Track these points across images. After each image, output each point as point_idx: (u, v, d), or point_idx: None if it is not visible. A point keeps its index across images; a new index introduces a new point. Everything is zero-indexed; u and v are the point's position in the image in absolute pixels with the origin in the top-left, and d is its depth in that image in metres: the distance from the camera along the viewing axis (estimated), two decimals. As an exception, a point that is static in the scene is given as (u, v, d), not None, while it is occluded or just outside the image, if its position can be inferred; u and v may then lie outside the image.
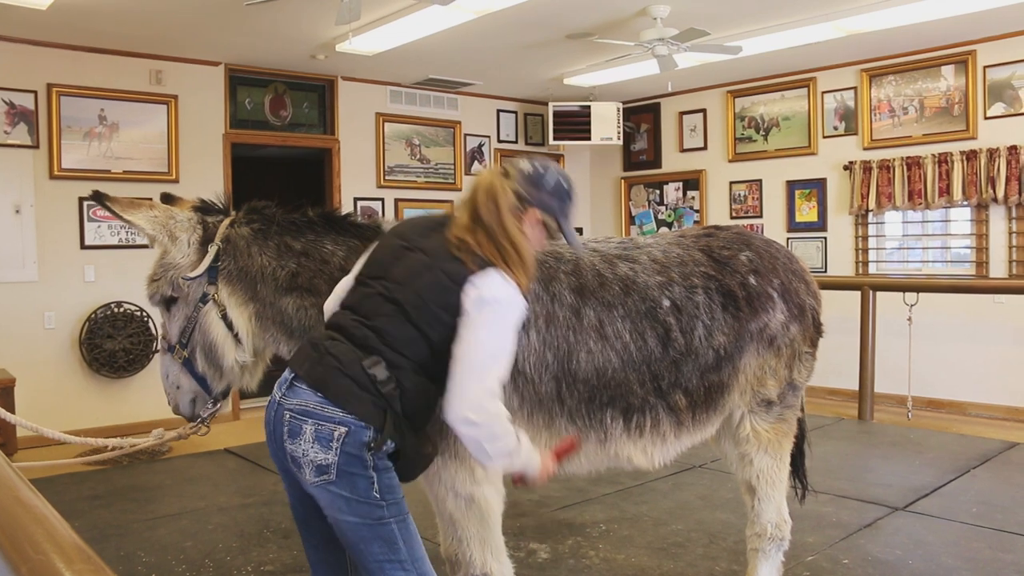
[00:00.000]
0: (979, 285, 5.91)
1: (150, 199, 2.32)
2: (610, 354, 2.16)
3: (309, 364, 1.80)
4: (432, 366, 1.81)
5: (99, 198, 2.17)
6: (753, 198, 7.48)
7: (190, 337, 2.17)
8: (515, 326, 1.82)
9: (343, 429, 1.74)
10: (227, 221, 2.21)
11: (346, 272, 2.14)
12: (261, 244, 2.19)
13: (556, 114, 7.84)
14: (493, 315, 1.78)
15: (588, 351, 2.15)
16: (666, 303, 2.26)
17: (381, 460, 1.78)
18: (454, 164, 7.77)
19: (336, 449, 1.73)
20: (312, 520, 1.91)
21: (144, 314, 5.97)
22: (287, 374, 1.86)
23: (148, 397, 5.94)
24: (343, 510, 1.76)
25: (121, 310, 5.92)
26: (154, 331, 5.99)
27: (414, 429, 1.84)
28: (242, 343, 2.17)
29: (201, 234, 2.19)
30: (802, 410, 2.71)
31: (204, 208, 2.26)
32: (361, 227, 2.29)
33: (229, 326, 2.15)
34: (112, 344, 5.85)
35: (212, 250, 2.15)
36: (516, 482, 1.92)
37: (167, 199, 2.35)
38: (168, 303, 2.21)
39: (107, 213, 2.25)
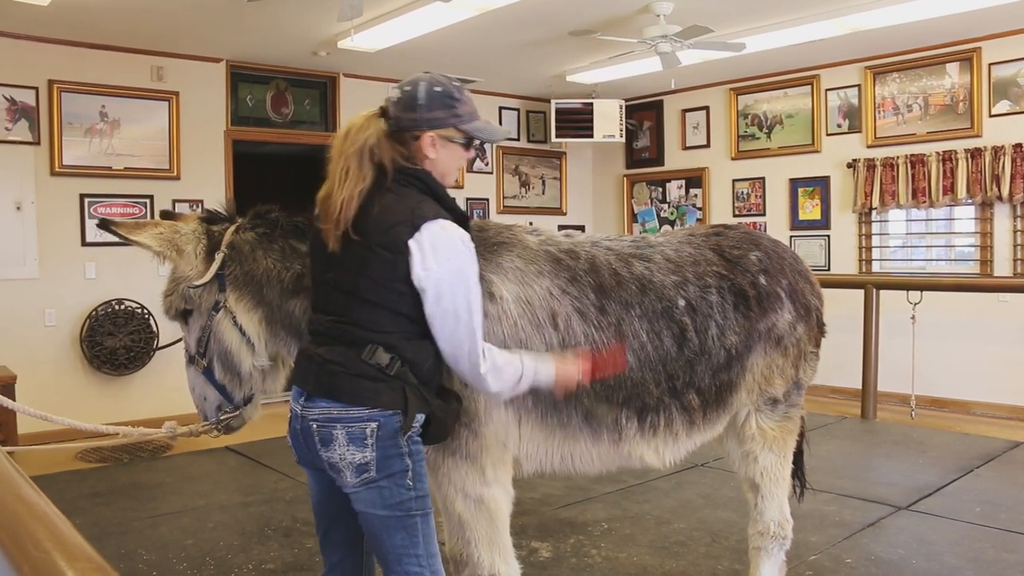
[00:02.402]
0: (983, 283, 5.89)
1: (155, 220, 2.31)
2: (628, 354, 2.16)
3: (313, 377, 1.82)
4: (421, 325, 1.82)
5: (105, 225, 2.20)
6: (756, 196, 7.46)
7: (207, 346, 2.17)
8: (468, 263, 1.79)
9: (373, 424, 1.76)
10: (232, 228, 2.20)
11: None
12: (266, 247, 2.18)
13: (558, 111, 7.82)
14: (445, 275, 1.76)
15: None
16: (682, 303, 2.26)
17: (415, 444, 1.82)
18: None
19: (372, 445, 1.77)
20: (338, 521, 1.93)
21: (145, 311, 5.96)
22: (297, 389, 1.87)
23: (149, 395, 5.94)
24: (377, 504, 1.79)
25: (122, 307, 5.91)
26: (155, 329, 5.99)
27: (433, 390, 1.86)
28: (256, 348, 2.17)
29: (207, 243, 2.18)
30: (802, 408, 2.71)
31: (209, 218, 2.26)
32: None
33: (242, 332, 2.15)
34: (113, 342, 5.85)
35: (218, 258, 2.14)
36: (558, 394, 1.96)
37: (167, 216, 2.35)
38: (184, 316, 2.21)
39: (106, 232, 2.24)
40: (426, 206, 1.79)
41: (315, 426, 1.80)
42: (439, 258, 1.75)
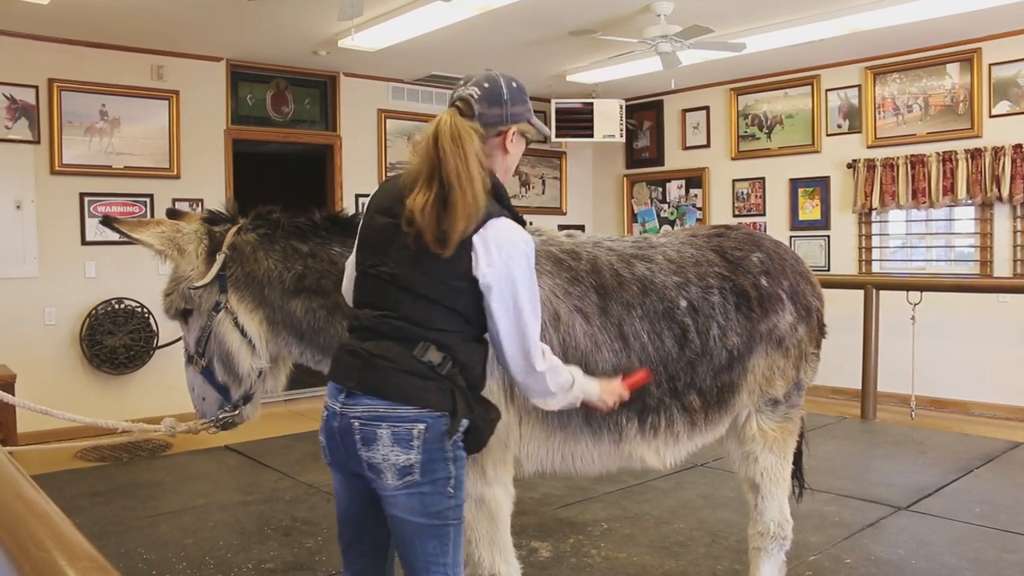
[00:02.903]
0: (983, 284, 5.89)
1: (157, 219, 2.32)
2: (629, 355, 2.16)
3: (358, 373, 1.75)
4: (475, 326, 1.79)
5: (108, 223, 2.18)
6: (756, 196, 7.46)
7: (206, 346, 2.17)
8: (531, 262, 1.76)
9: (421, 426, 1.71)
10: (234, 229, 2.20)
11: None
12: (267, 248, 2.17)
13: (559, 111, 7.81)
14: (511, 272, 1.72)
15: (607, 352, 2.15)
16: (683, 303, 2.26)
17: (458, 449, 1.76)
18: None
19: (418, 447, 1.70)
20: (364, 530, 1.89)
21: (145, 310, 5.96)
22: (336, 386, 1.80)
23: (149, 394, 5.93)
24: (417, 510, 1.73)
25: (122, 306, 5.91)
26: (155, 328, 5.98)
27: (477, 397, 1.82)
28: (256, 349, 2.16)
29: (208, 244, 2.18)
30: (802, 409, 2.71)
31: (211, 219, 2.26)
32: None
33: (243, 333, 2.14)
34: (113, 340, 5.84)
35: (219, 258, 2.13)
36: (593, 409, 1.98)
37: (173, 215, 2.35)
38: (184, 315, 2.21)
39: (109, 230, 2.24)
40: (490, 204, 1.75)
41: (357, 424, 1.73)
42: (503, 254, 1.71)
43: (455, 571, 1.80)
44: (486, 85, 1.81)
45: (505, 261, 1.71)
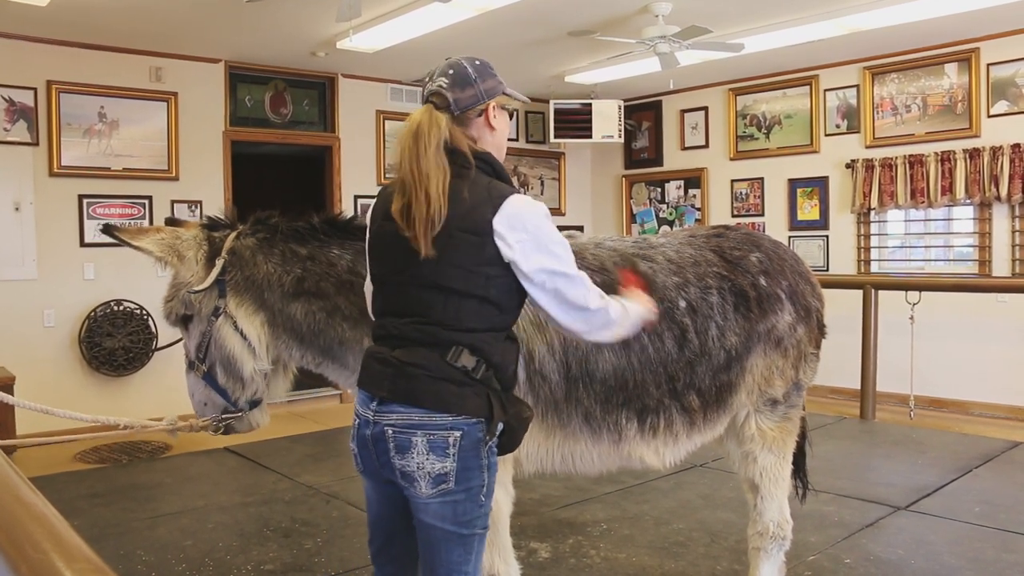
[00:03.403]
0: (982, 284, 5.89)
1: (158, 226, 2.32)
2: (628, 355, 2.17)
3: (390, 381, 1.72)
4: (509, 315, 1.78)
5: (108, 230, 2.19)
6: (755, 196, 7.46)
7: (206, 352, 2.17)
8: (551, 220, 1.74)
9: (457, 433, 1.68)
10: (233, 234, 2.22)
11: (355, 274, 2.14)
12: (266, 252, 2.19)
13: (557, 112, 7.82)
14: (539, 237, 1.70)
15: (608, 352, 2.15)
16: (683, 304, 2.27)
17: (492, 455, 1.75)
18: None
19: (454, 455, 1.68)
20: (396, 536, 1.88)
21: (144, 312, 5.95)
22: (367, 394, 1.78)
23: (148, 395, 5.93)
24: (448, 518, 1.71)
25: (121, 308, 5.90)
26: (154, 329, 5.98)
27: (510, 397, 1.81)
28: (257, 352, 2.17)
29: (208, 249, 2.19)
30: (803, 409, 2.72)
31: (211, 225, 2.27)
32: (366, 229, 2.28)
33: (243, 337, 2.15)
34: (112, 342, 5.84)
35: (218, 263, 2.15)
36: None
37: (171, 222, 2.36)
38: (185, 321, 2.22)
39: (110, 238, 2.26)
40: (499, 185, 1.75)
41: (391, 432, 1.70)
42: (527, 227, 1.69)
43: None
44: (451, 72, 1.80)
45: (530, 231, 1.70)
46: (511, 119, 1.91)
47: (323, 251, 2.20)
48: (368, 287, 1.95)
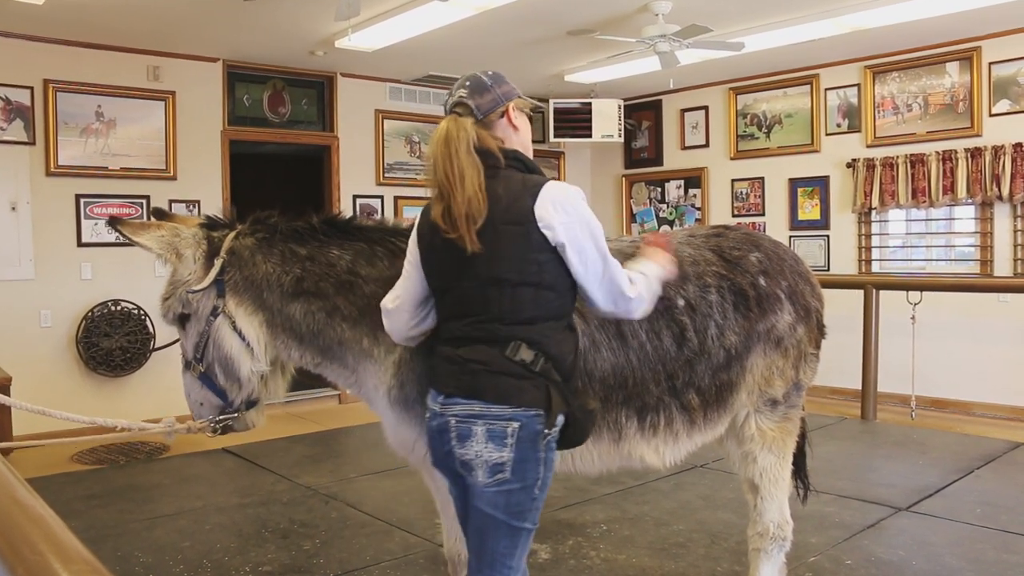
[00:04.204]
0: (983, 284, 5.87)
1: (159, 222, 2.32)
2: (627, 353, 2.18)
3: (455, 378, 1.80)
4: (566, 301, 1.83)
5: (112, 223, 2.21)
6: (755, 196, 7.44)
7: (204, 351, 2.18)
8: (587, 204, 1.83)
9: (515, 424, 1.75)
10: (232, 234, 2.22)
11: (354, 275, 2.15)
12: (266, 252, 2.20)
13: (557, 111, 7.79)
14: (581, 217, 1.79)
15: (606, 350, 2.16)
16: (681, 302, 2.28)
17: (550, 450, 1.81)
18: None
19: (511, 445, 1.75)
20: None
21: (141, 312, 5.93)
22: (435, 391, 1.85)
23: (145, 396, 5.91)
24: (500, 507, 1.77)
25: (118, 308, 5.88)
26: (151, 330, 5.96)
27: (572, 389, 1.86)
28: (256, 352, 2.17)
29: (206, 248, 2.20)
30: (803, 409, 2.71)
31: (210, 224, 2.28)
32: (366, 229, 2.30)
33: (242, 337, 2.16)
34: (109, 343, 5.82)
35: (217, 263, 2.16)
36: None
37: (159, 215, 2.37)
38: (182, 320, 2.23)
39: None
40: (533, 177, 1.84)
41: (454, 422, 1.78)
42: (567, 210, 1.77)
43: (516, 575, 1.84)
44: (468, 83, 1.90)
45: (570, 213, 1.77)
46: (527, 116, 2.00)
47: (322, 251, 2.21)
48: (390, 304, 1.96)
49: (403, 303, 1.96)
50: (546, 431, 1.77)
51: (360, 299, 2.17)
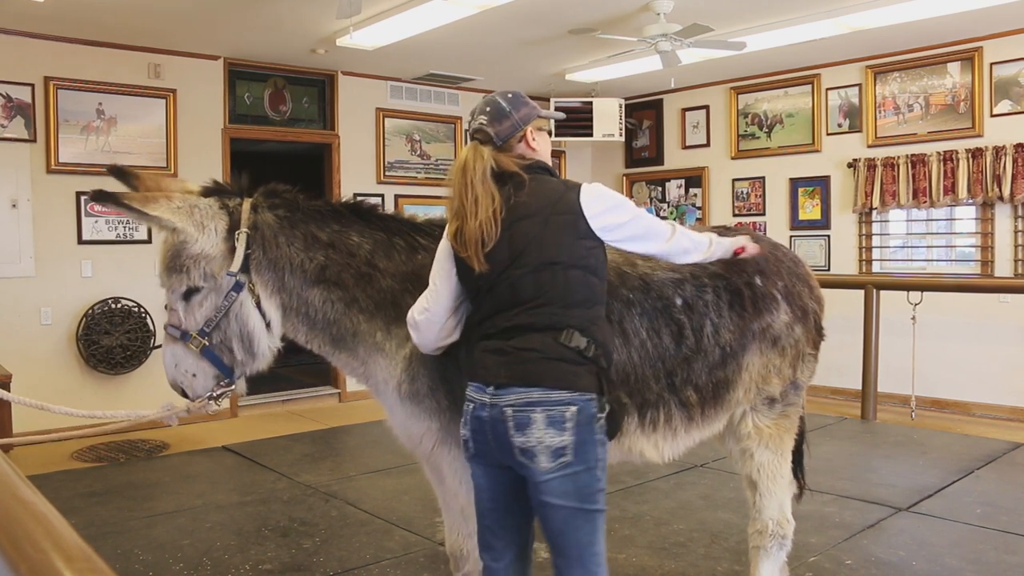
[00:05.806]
0: (984, 284, 5.87)
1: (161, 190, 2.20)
2: (629, 350, 2.22)
3: (507, 368, 1.84)
4: (603, 290, 1.95)
5: (106, 199, 2.02)
6: (756, 196, 7.44)
7: (218, 325, 2.13)
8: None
9: (573, 408, 1.80)
10: (247, 205, 2.18)
11: (372, 267, 2.16)
12: (288, 234, 2.18)
13: (557, 110, 7.79)
14: (615, 198, 1.96)
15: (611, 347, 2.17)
16: (679, 301, 2.33)
17: (603, 432, 1.88)
18: (455, 160, 7.71)
19: (571, 429, 1.80)
20: (514, 507, 1.95)
21: (142, 310, 5.93)
22: (480, 383, 1.87)
23: (146, 394, 5.90)
24: (571, 493, 1.81)
25: (119, 306, 5.88)
26: (152, 327, 5.95)
27: (611, 379, 1.95)
28: (273, 330, 2.17)
29: (228, 221, 2.15)
30: (802, 409, 2.73)
31: (218, 191, 2.22)
32: (387, 219, 2.30)
33: (263, 314, 2.15)
34: (109, 340, 5.81)
35: (242, 239, 2.12)
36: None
37: (117, 172, 2.24)
38: (189, 293, 2.15)
39: (106, 208, 2.19)
40: (567, 180, 1.99)
41: (510, 411, 1.80)
42: (605, 199, 1.94)
43: (603, 561, 1.90)
44: (488, 109, 2.00)
45: (607, 202, 1.94)
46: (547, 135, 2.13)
47: (343, 238, 2.20)
48: (419, 316, 2.00)
49: (434, 315, 1.98)
50: (599, 414, 1.83)
51: (377, 293, 2.17)
